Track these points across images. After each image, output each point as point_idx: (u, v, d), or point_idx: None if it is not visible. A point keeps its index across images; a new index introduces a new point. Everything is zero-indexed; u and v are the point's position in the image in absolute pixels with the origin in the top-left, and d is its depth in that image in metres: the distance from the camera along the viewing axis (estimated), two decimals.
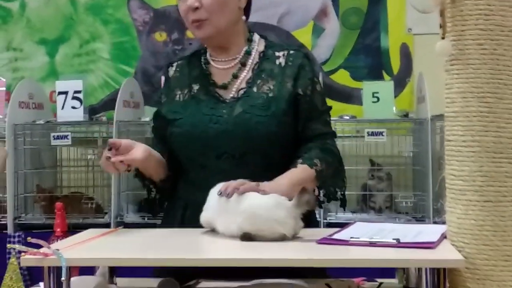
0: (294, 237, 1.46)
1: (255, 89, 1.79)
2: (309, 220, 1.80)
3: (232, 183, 1.53)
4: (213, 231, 1.56)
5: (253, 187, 1.53)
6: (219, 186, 1.55)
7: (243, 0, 1.83)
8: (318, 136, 1.81)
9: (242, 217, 1.46)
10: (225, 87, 1.81)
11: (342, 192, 1.83)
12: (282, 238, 1.44)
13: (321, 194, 1.81)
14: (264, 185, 1.56)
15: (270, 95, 1.77)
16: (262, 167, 1.71)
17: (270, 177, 1.64)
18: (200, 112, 1.78)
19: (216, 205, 1.53)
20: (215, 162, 1.72)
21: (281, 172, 1.70)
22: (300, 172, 1.71)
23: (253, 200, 1.47)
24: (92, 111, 3.84)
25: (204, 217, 1.57)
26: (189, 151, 1.78)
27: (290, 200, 1.47)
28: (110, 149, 1.67)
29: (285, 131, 1.76)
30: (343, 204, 1.85)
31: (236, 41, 1.85)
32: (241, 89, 1.80)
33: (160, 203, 1.90)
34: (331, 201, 1.82)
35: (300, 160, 1.74)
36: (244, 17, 1.85)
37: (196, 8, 1.75)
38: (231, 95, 1.80)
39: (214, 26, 1.77)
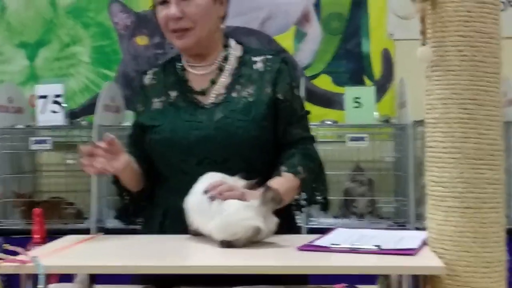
0: (273, 243, 1.46)
1: (234, 94, 1.79)
2: (290, 226, 1.80)
3: (221, 187, 1.52)
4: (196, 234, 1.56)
5: (238, 195, 1.52)
6: (209, 178, 1.55)
7: (222, 9, 1.82)
8: (299, 140, 1.81)
9: (215, 228, 1.46)
10: (203, 93, 1.81)
11: (323, 196, 1.83)
12: (258, 233, 1.43)
13: (301, 199, 1.80)
14: (249, 193, 1.55)
15: (250, 99, 1.77)
16: (244, 172, 1.71)
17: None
18: (180, 118, 1.77)
19: (199, 198, 1.53)
20: (196, 168, 1.70)
21: (263, 176, 1.70)
22: (286, 181, 1.70)
23: (226, 209, 1.47)
24: (73, 115, 3.81)
25: (189, 202, 1.56)
26: (169, 157, 1.77)
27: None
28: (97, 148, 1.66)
29: (265, 136, 1.76)
30: (325, 208, 1.85)
31: (213, 47, 1.84)
32: (220, 94, 1.80)
33: (134, 213, 1.89)
34: (312, 205, 1.82)
35: (284, 168, 1.74)
36: (222, 26, 1.84)
37: (178, 18, 1.74)
38: (210, 101, 1.79)
39: (197, 36, 1.76)
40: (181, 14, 1.73)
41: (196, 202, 1.54)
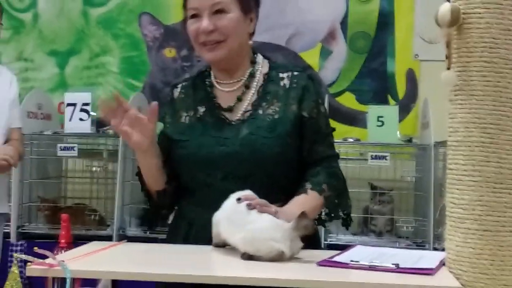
0: (294, 258, 1.48)
1: (260, 112, 1.80)
2: (312, 241, 1.82)
3: (259, 200, 1.56)
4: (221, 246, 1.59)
5: (273, 212, 1.55)
6: (241, 194, 1.58)
7: (252, 25, 1.85)
8: (324, 158, 1.82)
9: (241, 239, 1.48)
10: (230, 109, 1.83)
11: (346, 212, 1.84)
12: (280, 256, 1.46)
13: (324, 214, 1.81)
14: (282, 212, 1.58)
15: (276, 116, 1.79)
16: (267, 188, 1.71)
17: (275, 198, 1.64)
18: (207, 134, 1.79)
19: (233, 208, 1.56)
20: (221, 183, 1.73)
21: (286, 193, 1.72)
22: (311, 199, 1.73)
23: (256, 223, 1.49)
24: (99, 124, 3.85)
25: (220, 212, 1.59)
26: (195, 172, 1.79)
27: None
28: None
29: (289, 153, 1.78)
30: (347, 224, 1.85)
31: (241, 63, 1.86)
32: (247, 111, 1.81)
33: (156, 217, 1.92)
34: (334, 220, 1.83)
35: (309, 185, 1.76)
36: (251, 42, 1.87)
37: (210, 31, 1.76)
38: (237, 117, 1.81)
39: (228, 49, 1.78)
40: (214, 27, 1.76)
41: (230, 211, 1.56)
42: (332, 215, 1.81)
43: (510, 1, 1.30)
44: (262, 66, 1.88)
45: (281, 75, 1.85)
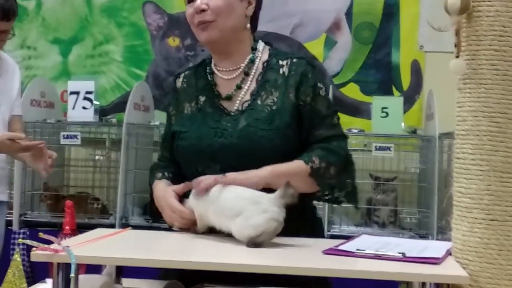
0: (300, 246, 1.48)
1: (259, 102, 1.78)
2: (317, 231, 1.82)
3: (204, 181, 1.59)
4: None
5: (213, 180, 1.59)
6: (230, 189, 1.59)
7: (250, 8, 1.82)
8: (321, 140, 1.77)
9: (238, 232, 1.51)
10: (229, 98, 1.81)
11: (351, 189, 1.78)
12: (280, 225, 1.49)
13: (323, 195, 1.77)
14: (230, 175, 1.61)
15: (274, 107, 1.76)
16: None
17: (274, 189, 1.62)
18: (206, 125, 1.78)
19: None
20: (220, 174, 1.71)
21: None
22: (290, 164, 1.70)
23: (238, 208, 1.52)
24: (102, 113, 3.86)
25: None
26: (195, 163, 1.78)
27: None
28: None
29: (289, 144, 1.75)
30: (353, 200, 1.80)
31: (240, 48, 1.84)
32: (246, 101, 1.80)
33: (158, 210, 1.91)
34: (329, 196, 1.78)
35: (298, 158, 1.73)
36: (249, 25, 1.84)
37: (203, 11, 1.75)
38: (236, 108, 1.80)
39: (220, 29, 1.77)
40: (205, 6, 1.75)
41: (201, 207, 1.60)
42: (327, 192, 1.75)
43: None
44: (262, 53, 1.86)
45: (281, 62, 1.82)
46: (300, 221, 1.69)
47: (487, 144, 1.31)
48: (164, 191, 1.75)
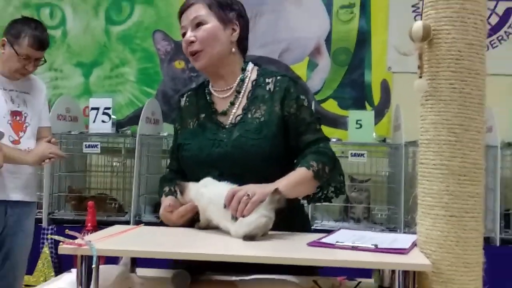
0: (287, 239, 1.47)
1: (249, 115, 1.76)
2: (305, 227, 1.81)
3: (241, 206, 1.52)
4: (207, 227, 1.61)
5: (253, 206, 1.51)
6: (226, 188, 1.57)
7: (235, 34, 1.80)
8: (310, 143, 1.74)
9: (236, 232, 1.51)
10: (224, 113, 1.80)
11: (337, 186, 1.75)
12: (270, 221, 1.49)
13: (320, 191, 1.73)
14: (254, 191, 1.54)
15: (262, 119, 1.74)
16: (260, 183, 1.68)
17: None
18: (205, 138, 1.77)
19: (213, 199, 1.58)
20: (219, 179, 1.68)
21: None
22: (297, 174, 1.66)
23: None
24: (119, 125, 3.86)
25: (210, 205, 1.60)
26: (197, 171, 1.75)
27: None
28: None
29: (277, 151, 1.73)
30: (341, 193, 1.76)
31: (230, 70, 1.81)
32: (238, 115, 1.78)
33: None
34: (324, 199, 1.75)
35: (298, 165, 1.69)
36: (234, 49, 1.80)
37: (192, 42, 1.74)
38: (230, 121, 1.78)
39: (208, 57, 1.75)
40: (194, 38, 1.74)
41: (216, 201, 1.57)
42: (325, 191, 1.73)
43: (473, 20, 1.30)
44: (251, 72, 1.83)
45: (267, 80, 1.80)
46: (292, 219, 1.68)
47: (446, 151, 1.30)
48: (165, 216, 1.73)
